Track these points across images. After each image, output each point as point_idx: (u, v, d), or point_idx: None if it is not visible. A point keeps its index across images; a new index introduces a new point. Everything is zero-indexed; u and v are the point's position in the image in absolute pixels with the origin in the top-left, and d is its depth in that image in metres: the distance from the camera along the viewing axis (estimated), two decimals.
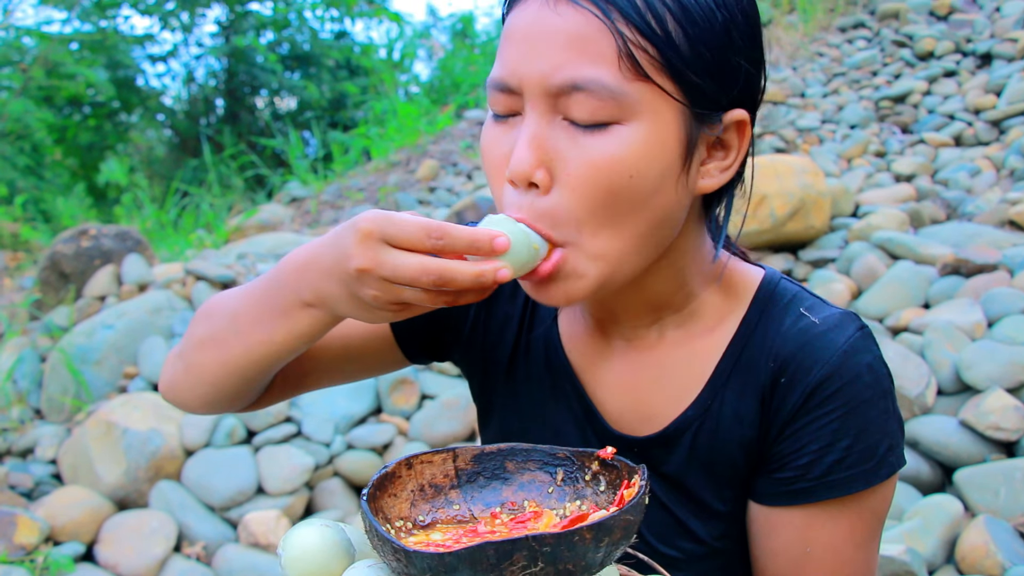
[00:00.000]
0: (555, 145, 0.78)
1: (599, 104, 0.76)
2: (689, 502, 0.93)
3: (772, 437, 0.88)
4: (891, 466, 0.86)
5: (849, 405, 0.84)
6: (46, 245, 6.34)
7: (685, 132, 0.79)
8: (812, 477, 0.85)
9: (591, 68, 0.75)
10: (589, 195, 0.77)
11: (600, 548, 0.66)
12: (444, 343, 1.07)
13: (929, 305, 3.40)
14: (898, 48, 6.30)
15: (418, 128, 6.71)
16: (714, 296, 0.93)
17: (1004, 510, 2.54)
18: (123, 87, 9.35)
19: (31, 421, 3.64)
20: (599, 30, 0.75)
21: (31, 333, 4.08)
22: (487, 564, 0.63)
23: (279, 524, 3.04)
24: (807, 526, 0.87)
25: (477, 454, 0.83)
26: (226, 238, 5.69)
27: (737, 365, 0.90)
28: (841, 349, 0.85)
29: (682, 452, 0.92)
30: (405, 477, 0.81)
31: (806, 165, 4.03)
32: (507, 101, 0.81)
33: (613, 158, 0.76)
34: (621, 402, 0.95)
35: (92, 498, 3.08)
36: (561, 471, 0.81)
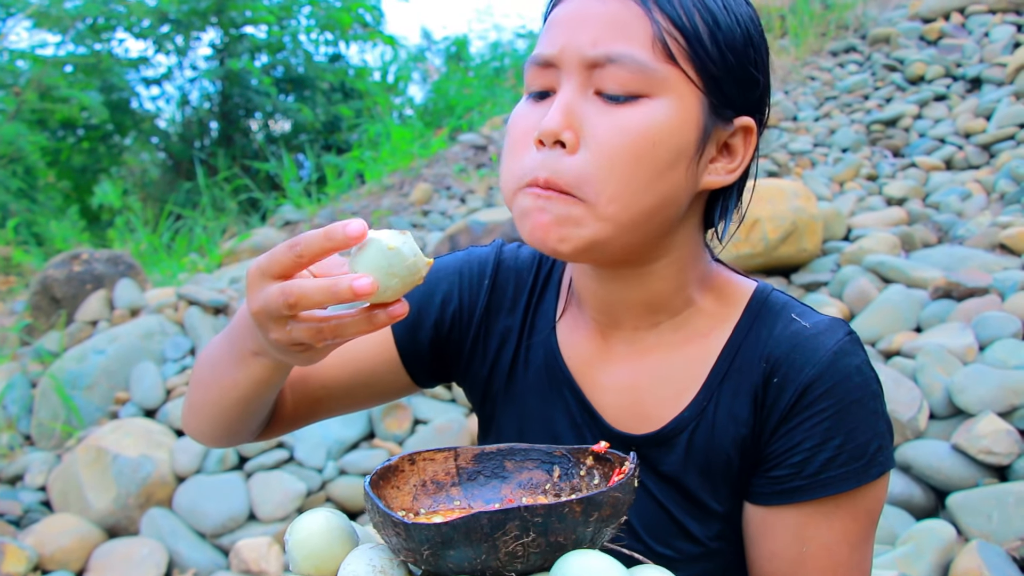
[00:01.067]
0: (586, 113, 0.84)
1: (631, 77, 0.83)
2: (686, 501, 0.95)
3: (766, 436, 0.91)
4: (881, 465, 0.89)
5: (840, 404, 0.88)
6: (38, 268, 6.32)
7: (703, 119, 0.86)
8: (806, 475, 0.88)
9: (626, 45, 0.83)
10: (613, 157, 0.83)
11: (589, 523, 0.69)
12: (449, 364, 1.10)
13: (921, 328, 3.41)
14: (889, 72, 6.35)
15: (412, 151, 6.72)
16: (709, 303, 0.97)
17: (997, 534, 2.53)
18: (117, 110, 9.35)
19: (21, 447, 3.62)
20: (637, 16, 0.83)
21: (22, 358, 4.06)
22: (481, 534, 0.66)
23: (271, 551, 3.02)
24: (802, 526, 0.90)
25: (478, 454, 0.86)
26: (219, 261, 5.68)
27: (731, 367, 0.94)
28: (831, 351, 0.89)
29: (679, 452, 0.94)
30: (408, 472, 0.84)
31: (798, 189, 4.05)
32: (544, 76, 0.87)
33: (640, 124, 0.83)
34: (619, 404, 0.98)
35: (82, 526, 3.06)
36: (558, 468, 0.84)
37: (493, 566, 0.68)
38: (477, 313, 1.07)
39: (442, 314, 1.07)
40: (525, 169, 0.86)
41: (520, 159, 0.88)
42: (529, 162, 0.86)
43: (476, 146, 6.79)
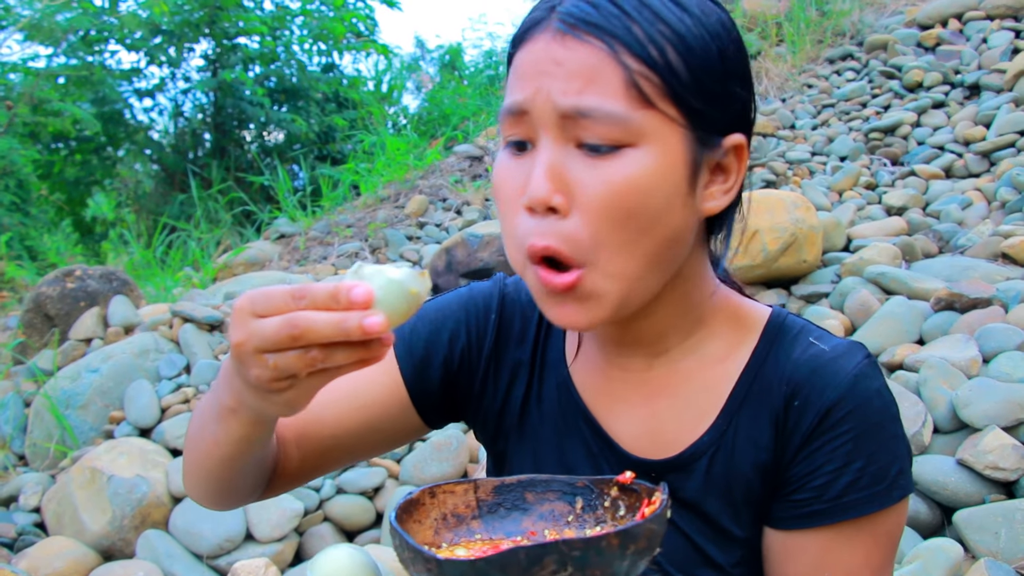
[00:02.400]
0: (571, 170, 0.81)
1: (609, 128, 0.80)
2: (707, 527, 0.93)
3: (787, 460, 0.90)
4: (902, 489, 0.89)
5: (861, 427, 0.87)
6: (31, 283, 6.28)
7: (690, 155, 0.84)
8: (827, 498, 0.88)
9: (599, 96, 0.80)
10: (607, 216, 0.81)
11: (626, 556, 0.69)
12: (459, 402, 1.08)
13: (923, 341, 3.38)
14: (887, 79, 6.33)
15: (407, 163, 6.69)
16: (723, 327, 0.97)
17: (1005, 552, 2.50)
18: (110, 122, 9.31)
19: (14, 468, 3.58)
20: (606, 61, 0.80)
21: (15, 377, 4.02)
22: (518, 569, 0.65)
23: (268, 572, 2.98)
24: (824, 551, 0.89)
25: (498, 485, 0.85)
26: (214, 276, 5.64)
27: (750, 391, 0.93)
28: (852, 374, 0.88)
29: (699, 477, 0.93)
30: (429, 505, 0.83)
31: (797, 200, 4.02)
32: (520, 127, 0.84)
33: (628, 179, 0.80)
34: (636, 432, 0.97)
35: (77, 548, 3.02)
36: (580, 500, 0.83)
37: None
38: (486, 349, 1.06)
39: (451, 352, 1.05)
40: (522, 236, 0.84)
41: (515, 225, 0.85)
42: (524, 229, 0.84)
43: (471, 157, 6.76)
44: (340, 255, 5.68)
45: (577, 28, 0.81)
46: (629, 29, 0.80)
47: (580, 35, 0.81)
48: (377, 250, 5.70)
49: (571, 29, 0.81)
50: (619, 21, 0.80)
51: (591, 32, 0.80)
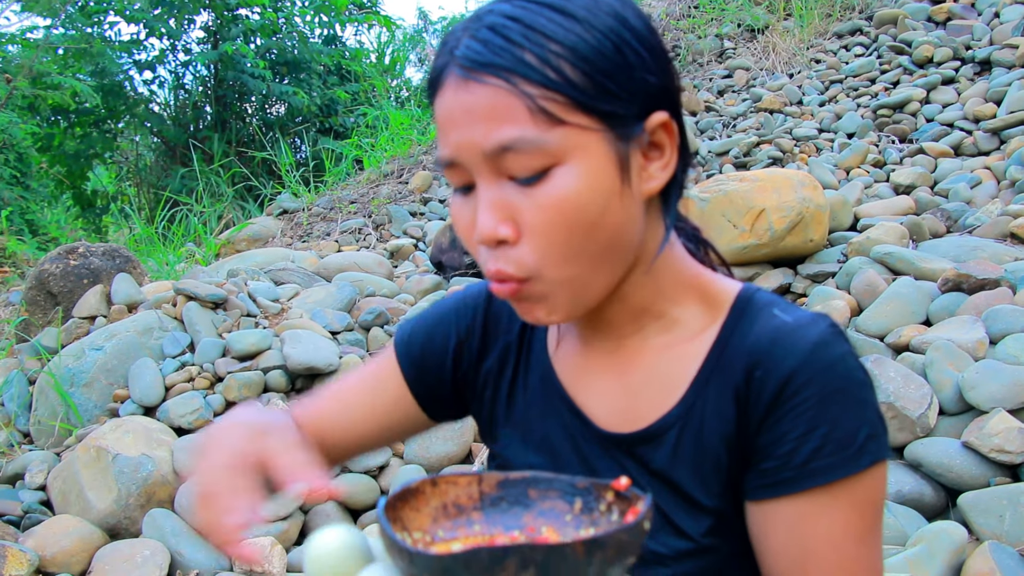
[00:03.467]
0: (510, 202, 0.85)
1: (530, 157, 0.83)
2: (676, 497, 0.95)
3: (752, 430, 0.90)
4: (872, 454, 0.88)
5: (823, 393, 0.87)
6: (32, 258, 6.26)
7: (615, 153, 0.86)
8: (793, 466, 0.88)
9: (511, 129, 0.82)
10: (551, 234, 0.84)
11: (592, 562, 0.69)
12: (460, 399, 1.14)
13: (930, 322, 3.37)
14: (896, 55, 6.27)
15: (410, 138, 6.65)
16: (696, 305, 0.98)
17: (1009, 535, 2.50)
18: (110, 94, 9.25)
19: (19, 446, 3.58)
20: (507, 96, 0.82)
21: (19, 355, 4.02)
22: (480, 568, 0.67)
23: (273, 551, 2.99)
24: (800, 520, 0.89)
25: (502, 480, 0.86)
26: (216, 251, 5.63)
27: (717, 365, 0.94)
28: (812, 342, 0.89)
29: (667, 449, 0.95)
30: (429, 494, 0.84)
31: (804, 178, 4.00)
32: (457, 175, 0.89)
33: (559, 197, 0.83)
34: (608, 406, 0.99)
35: (83, 527, 3.02)
36: (579, 500, 0.84)
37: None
38: (475, 344, 1.12)
39: (444, 353, 1.12)
40: (484, 263, 0.90)
41: (475, 253, 0.91)
42: (483, 258, 0.89)
43: None
44: (343, 231, 5.66)
45: (474, 71, 0.84)
46: (521, 59, 0.83)
47: (479, 77, 0.84)
48: (380, 226, 5.68)
49: (470, 73, 0.84)
50: (509, 54, 0.83)
51: (487, 72, 0.83)
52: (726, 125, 6.45)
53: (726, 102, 6.80)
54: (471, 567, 0.67)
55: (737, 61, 7.34)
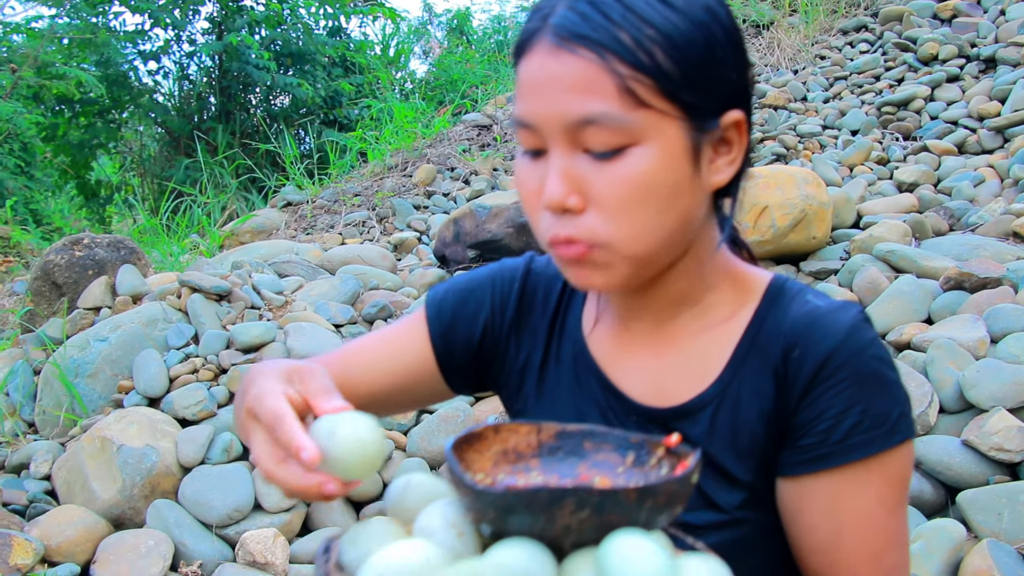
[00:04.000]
0: (582, 173, 0.88)
1: (611, 133, 0.86)
2: (711, 470, 0.98)
3: (791, 409, 0.95)
4: (904, 431, 0.93)
5: (859, 374, 0.92)
6: (37, 247, 6.28)
7: (690, 142, 0.89)
8: (833, 442, 0.92)
9: (597, 104, 0.85)
10: (618, 211, 0.88)
11: (643, 508, 0.74)
12: (485, 371, 1.18)
13: (932, 320, 3.38)
14: (901, 52, 6.26)
15: (414, 131, 6.66)
16: (728, 292, 1.03)
17: (1007, 533, 2.52)
18: (114, 84, 9.25)
19: (24, 436, 3.60)
20: (599, 71, 0.85)
21: (24, 345, 4.04)
22: (541, 506, 0.71)
23: (276, 543, 3.01)
24: (836, 495, 0.93)
25: (560, 431, 0.90)
26: (220, 243, 5.64)
27: (753, 347, 0.99)
28: (847, 325, 0.93)
29: (703, 425, 0.99)
30: (491, 439, 0.89)
31: (807, 175, 4.00)
32: (531, 138, 0.91)
33: (634, 176, 0.87)
34: (644, 384, 1.03)
35: (88, 517, 3.04)
36: (631, 454, 0.88)
37: (550, 535, 0.74)
38: (508, 316, 1.15)
39: (475, 322, 1.15)
40: (545, 229, 0.93)
41: (537, 219, 0.94)
42: (546, 224, 0.92)
43: (480, 126, 6.73)
44: (347, 224, 5.67)
45: (569, 41, 0.86)
46: (617, 37, 0.85)
47: (573, 48, 0.86)
48: (384, 219, 5.69)
49: (564, 42, 0.87)
50: (607, 31, 0.85)
51: (582, 44, 0.86)
52: None
53: None
54: (531, 505, 0.72)
55: None
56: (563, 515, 0.72)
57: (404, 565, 0.71)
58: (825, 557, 0.96)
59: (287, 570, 2.98)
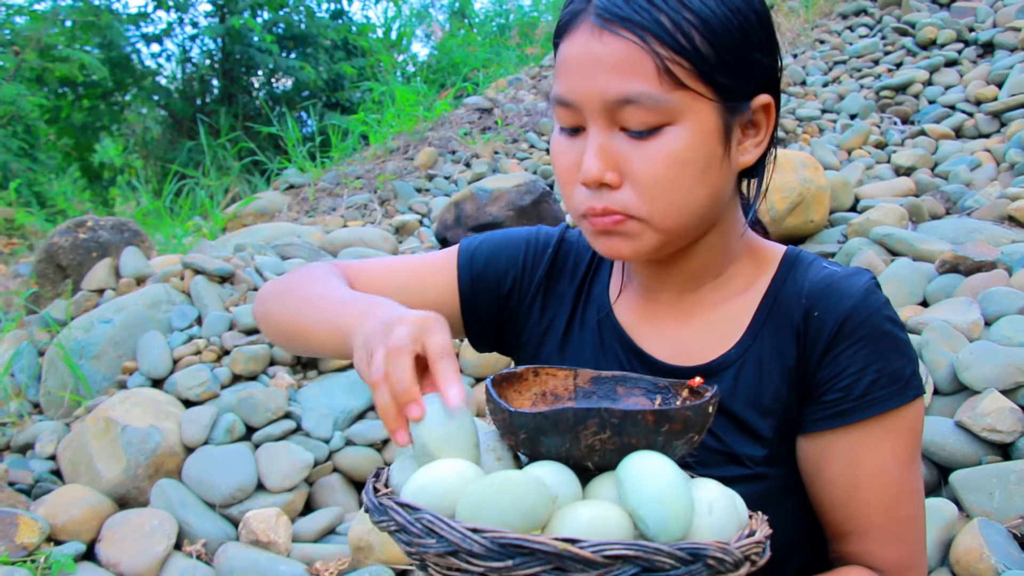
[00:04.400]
0: (619, 150, 0.93)
1: (648, 113, 0.90)
2: (734, 425, 1.04)
3: (813, 366, 1.00)
4: (916, 388, 0.99)
5: (876, 333, 0.97)
6: (41, 229, 6.31)
7: (723, 123, 0.94)
8: (853, 398, 0.98)
9: (637, 84, 0.90)
10: (653, 187, 0.93)
11: (660, 433, 0.80)
12: (503, 326, 1.23)
13: (927, 303, 3.40)
14: (900, 36, 6.27)
15: (416, 114, 6.66)
16: (746, 264, 1.09)
17: (998, 512, 2.55)
18: (117, 67, 9.26)
19: (29, 416, 3.65)
20: (639, 53, 0.89)
21: (28, 326, 4.07)
22: (567, 425, 0.78)
23: (279, 522, 3.05)
24: (854, 449, 0.99)
25: (595, 377, 0.97)
26: (223, 225, 5.67)
27: (772, 310, 1.04)
28: (863, 287, 0.99)
29: (728, 384, 1.04)
30: (531, 381, 0.96)
31: (806, 159, 4.02)
32: (570, 116, 0.96)
33: (668, 153, 0.92)
34: (668, 347, 1.09)
35: (92, 496, 3.09)
36: (659, 397, 0.95)
37: (576, 455, 0.81)
38: (538, 277, 1.20)
39: (505, 276, 1.20)
40: (580, 203, 0.98)
41: (573, 194, 0.99)
42: (581, 198, 0.97)
43: (481, 109, 6.74)
44: (349, 207, 5.69)
45: (612, 23, 0.90)
46: (658, 20, 0.89)
47: (615, 29, 0.90)
48: (386, 202, 5.71)
49: (606, 24, 0.91)
50: (648, 13, 0.89)
51: (624, 26, 0.90)
52: None
53: None
54: (559, 425, 0.78)
55: None
56: (587, 435, 0.78)
57: (443, 478, 0.79)
58: (843, 511, 1.01)
59: (290, 549, 3.02)
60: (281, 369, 3.62)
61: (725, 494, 0.83)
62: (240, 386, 3.52)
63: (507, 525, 0.73)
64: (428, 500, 0.78)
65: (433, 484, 0.79)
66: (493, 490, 0.74)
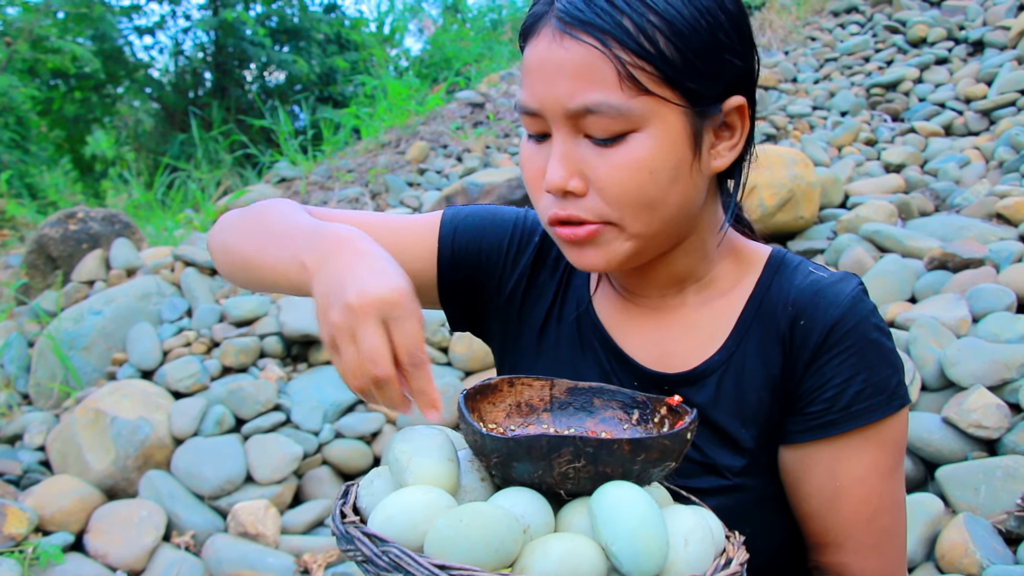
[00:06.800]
0: (583, 158, 0.90)
1: (611, 121, 0.87)
2: (715, 435, 1.01)
3: (798, 376, 0.97)
4: (902, 398, 0.96)
5: (862, 343, 0.95)
6: (32, 221, 6.29)
7: (690, 128, 0.90)
8: (838, 409, 0.95)
9: (598, 92, 0.86)
10: (619, 195, 0.89)
11: (636, 461, 0.78)
12: (477, 304, 1.18)
13: (916, 299, 3.42)
14: (891, 34, 6.29)
15: (408, 108, 6.66)
16: (730, 265, 1.05)
17: (984, 508, 2.56)
18: (109, 59, 9.23)
19: (19, 407, 3.64)
20: (600, 59, 0.86)
21: (18, 317, 4.07)
22: (540, 452, 0.76)
23: (267, 514, 3.06)
24: (835, 462, 0.96)
25: (571, 387, 0.96)
26: (214, 218, 5.65)
27: (757, 316, 1.01)
28: (850, 295, 0.96)
29: (709, 391, 1.01)
30: (505, 392, 0.94)
31: (796, 156, 4.03)
32: (535, 123, 0.93)
33: (634, 162, 0.88)
34: (649, 351, 1.05)
35: (81, 487, 3.09)
36: (637, 412, 0.94)
37: (548, 482, 0.78)
38: (521, 265, 1.15)
39: (487, 253, 1.16)
40: (545, 210, 0.94)
41: (540, 200, 0.96)
42: (548, 204, 0.94)
43: (473, 104, 6.73)
44: (340, 200, 5.69)
45: (572, 27, 0.87)
46: (620, 23, 0.86)
47: (575, 34, 0.87)
48: (377, 195, 5.71)
49: (567, 28, 0.88)
50: (610, 16, 0.86)
51: (585, 30, 0.87)
52: None
53: None
54: (531, 451, 0.76)
55: None
56: (560, 463, 0.76)
57: (412, 508, 0.77)
58: (823, 522, 0.99)
59: (278, 541, 3.03)
60: (271, 362, 3.62)
61: (700, 524, 0.80)
62: (230, 378, 3.52)
63: (476, 561, 0.72)
64: (396, 531, 0.76)
65: (401, 514, 0.76)
66: (462, 524, 0.72)
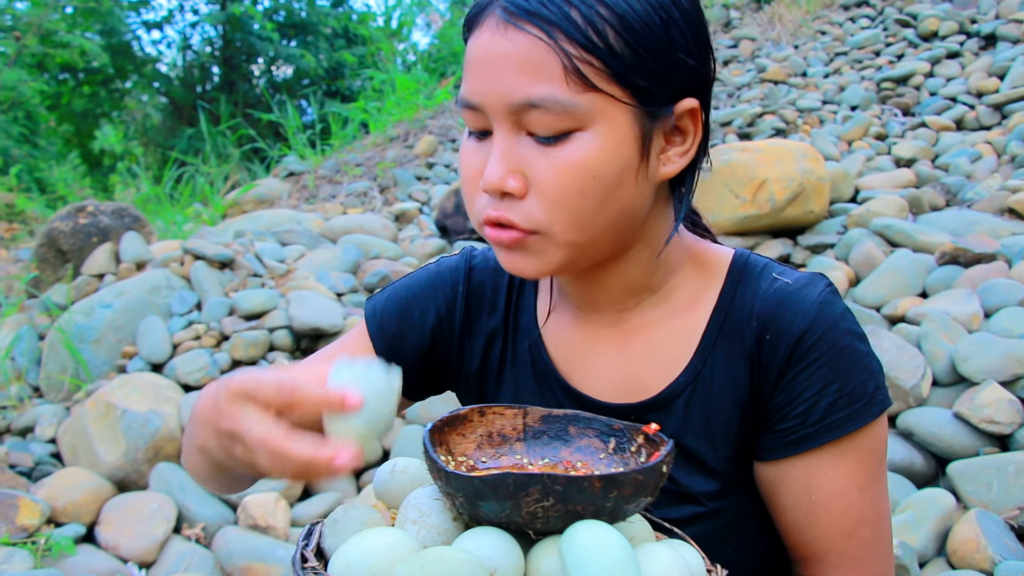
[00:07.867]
0: (524, 156, 0.85)
1: (555, 118, 0.82)
2: (685, 461, 0.97)
3: (767, 392, 0.93)
4: (880, 404, 0.92)
5: (833, 350, 0.90)
6: (41, 215, 6.32)
7: (639, 129, 0.85)
8: (812, 422, 0.91)
9: (542, 87, 0.81)
10: (559, 196, 0.84)
11: (609, 498, 0.74)
12: (439, 376, 1.12)
13: (927, 294, 3.40)
14: (901, 28, 6.26)
15: (416, 102, 6.66)
16: (690, 275, 0.99)
17: (996, 503, 2.55)
18: (118, 53, 9.25)
19: (30, 399, 3.65)
20: (546, 51, 0.81)
21: (29, 310, 4.08)
22: (507, 492, 0.72)
23: (277, 507, 3.06)
24: (810, 475, 0.92)
25: (545, 415, 0.91)
26: (223, 212, 5.67)
27: (722, 331, 0.96)
28: (816, 302, 0.91)
29: (677, 416, 0.97)
30: (476, 422, 0.90)
31: (806, 150, 4.02)
32: (476, 119, 0.87)
33: (576, 163, 0.83)
34: (612, 382, 1.00)
35: (92, 479, 3.10)
36: (613, 441, 0.90)
37: (517, 521, 0.74)
38: (457, 321, 1.09)
39: (422, 330, 1.08)
40: (479, 210, 0.88)
41: (475, 200, 0.90)
42: (483, 204, 0.88)
43: None
44: (349, 194, 5.70)
45: (517, 17, 0.82)
46: (567, 14, 0.81)
47: (521, 24, 0.82)
48: (386, 189, 5.71)
49: (512, 18, 0.82)
50: (556, 7, 0.81)
51: (530, 21, 0.82)
52: (730, 95, 6.46)
53: (731, 72, 6.80)
54: (498, 490, 0.72)
55: (743, 31, 7.33)
56: (529, 502, 0.72)
57: (373, 553, 0.73)
58: (801, 535, 0.96)
59: (288, 534, 3.03)
60: (281, 355, 3.63)
61: (677, 563, 0.77)
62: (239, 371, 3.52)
63: None
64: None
65: (362, 560, 0.73)
66: (423, 572, 0.68)
